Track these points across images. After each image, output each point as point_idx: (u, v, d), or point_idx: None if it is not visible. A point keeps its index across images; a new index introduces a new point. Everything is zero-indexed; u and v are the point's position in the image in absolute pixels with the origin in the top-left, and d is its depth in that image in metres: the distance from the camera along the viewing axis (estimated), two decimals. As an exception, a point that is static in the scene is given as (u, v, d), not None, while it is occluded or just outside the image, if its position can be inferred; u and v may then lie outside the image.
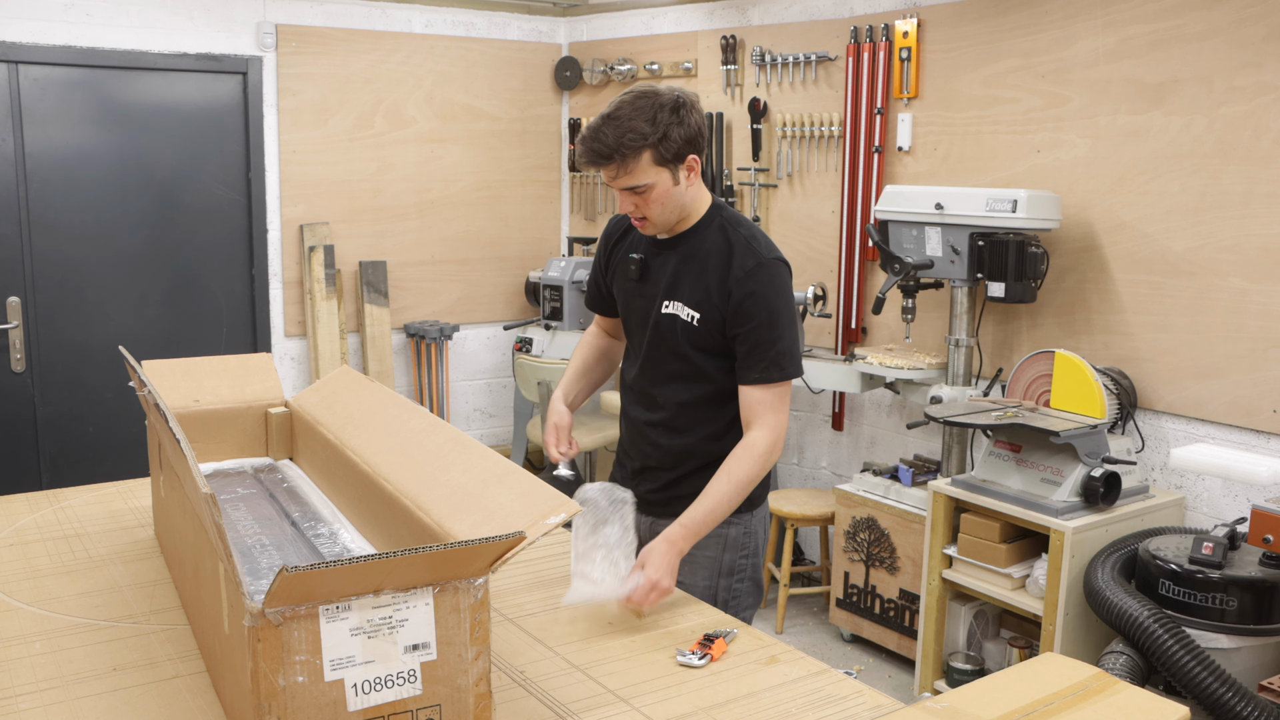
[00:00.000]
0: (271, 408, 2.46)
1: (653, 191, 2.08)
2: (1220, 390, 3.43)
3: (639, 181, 2.07)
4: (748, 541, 2.30)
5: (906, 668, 4.00)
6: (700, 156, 2.11)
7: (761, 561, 2.36)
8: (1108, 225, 3.68)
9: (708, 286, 2.14)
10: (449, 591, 1.34)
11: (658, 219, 2.14)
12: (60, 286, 4.38)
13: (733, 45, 4.78)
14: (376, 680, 1.34)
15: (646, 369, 2.27)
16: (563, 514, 1.45)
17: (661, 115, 2.03)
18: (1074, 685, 1.41)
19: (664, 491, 2.30)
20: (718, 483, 2.10)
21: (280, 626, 1.28)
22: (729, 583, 2.29)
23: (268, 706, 1.30)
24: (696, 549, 2.19)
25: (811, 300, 4.30)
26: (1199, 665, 2.80)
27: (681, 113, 2.05)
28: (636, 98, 2.06)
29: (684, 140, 2.05)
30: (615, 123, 2.03)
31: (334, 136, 4.86)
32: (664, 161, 2.05)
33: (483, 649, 1.38)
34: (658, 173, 2.06)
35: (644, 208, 2.11)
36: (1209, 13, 3.37)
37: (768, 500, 2.37)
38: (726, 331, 2.14)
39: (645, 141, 2.03)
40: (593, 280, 2.44)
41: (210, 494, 1.33)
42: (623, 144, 2.02)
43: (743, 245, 2.14)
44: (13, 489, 3.10)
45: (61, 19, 4.23)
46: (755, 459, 2.11)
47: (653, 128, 2.02)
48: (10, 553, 2.26)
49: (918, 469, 4.01)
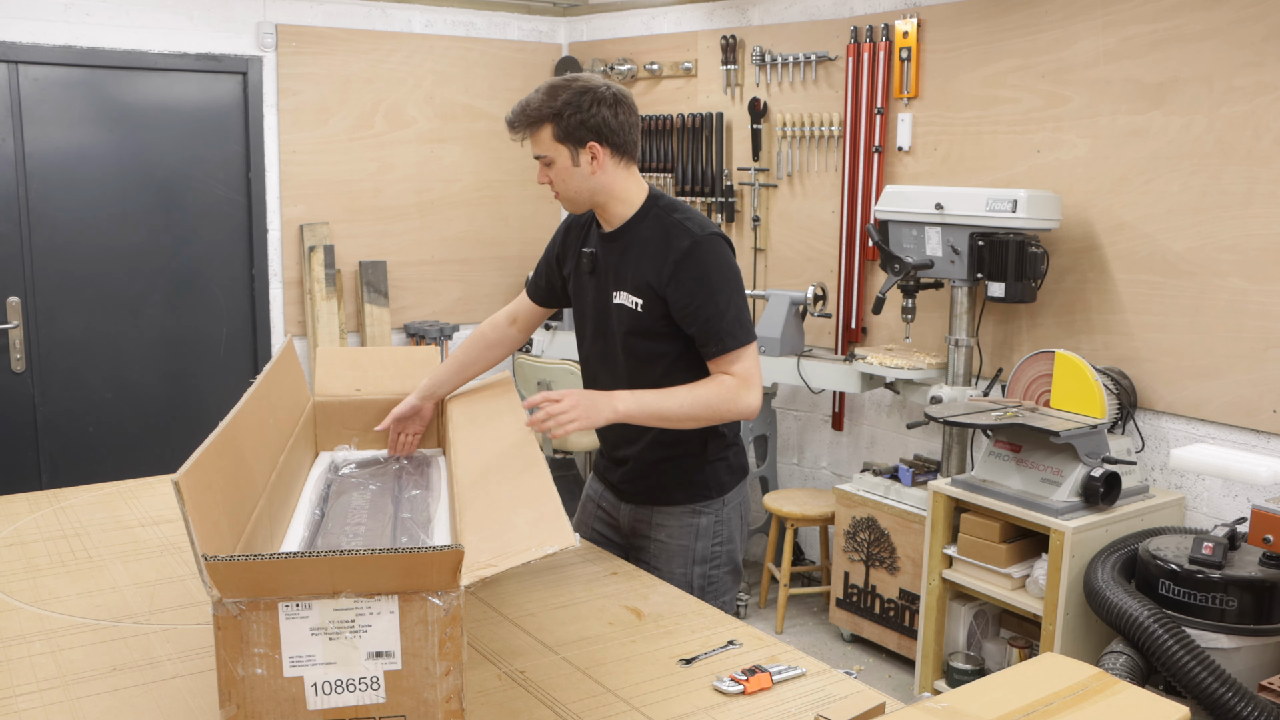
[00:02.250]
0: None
1: (554, 166, 2.19)
2: (1220, 390, 3.43)
3: (539, 151, 2.19)
4: (720, 529, 2.35)
5: (906, 668, 4.00)
6: (606, 147, 2.18)
7: (737, 548, 2.40)
8: (1108, 225, 3.68)
9: (647, 273, 2.21)
10: (416, 602, 1.34)
11: (563, 194, 2.24)
12: (60, 286, 4.38)
13: (733, 45, 4.78)
14: (337, 682, 1.34)
15: (605, 360, 2.34)
16: (554, 547, 1.46)
17: (568, 96, 2.14)
18: (1074, 685, 1.41)
19: (640, 481, 2.36)
20: (679, 390, 2.16)
21: (238, 617, 1.29)
22: (704, 570, 2.35)
23: (227, 694, 1.33)
24: (669, 538, 2.32)
25: (811, 300, 4.31)
26: (1199, 665, 2.80)
27: (587, 100, 2.14)
28: (564, 79, 2.18)
29: (583, 125, 2.14)
30: (533, 96, 2.17)
31: (334, 136, 4.86)
32: (562, 139, 2.15)
33: (453, 665, 1.37)
34: (556, 148, 2.16)
35: (550, 180, 2.22)
36: (1209, 13, 3.37)
37: (744, 491, 2.41)
38: (673, 314, 2.20)
39: (542, 115, 2.14)
40: (541, 266, 2.49)
41: (175, 481, 1.35)
42: (526, 113, 2.16)
43: (677, 228, 2.20)
44: (13, 489, 3.10)
45: (61, 19, 4.23)
46: (722, 389, 2.15)
47: (554, 105, 2.14)
48: (10, 553, 2.27)
49: (918, 469, 4.01)
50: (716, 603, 2.32)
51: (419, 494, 2.18)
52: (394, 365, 2.67)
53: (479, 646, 1.87)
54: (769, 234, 4.81)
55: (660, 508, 2.35)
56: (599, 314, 2.32)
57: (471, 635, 1.90)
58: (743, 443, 2.44)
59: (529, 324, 2.54)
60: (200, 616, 1.94)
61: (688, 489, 2.33)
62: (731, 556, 2.39)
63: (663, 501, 2.35)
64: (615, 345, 2.30)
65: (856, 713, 1.39)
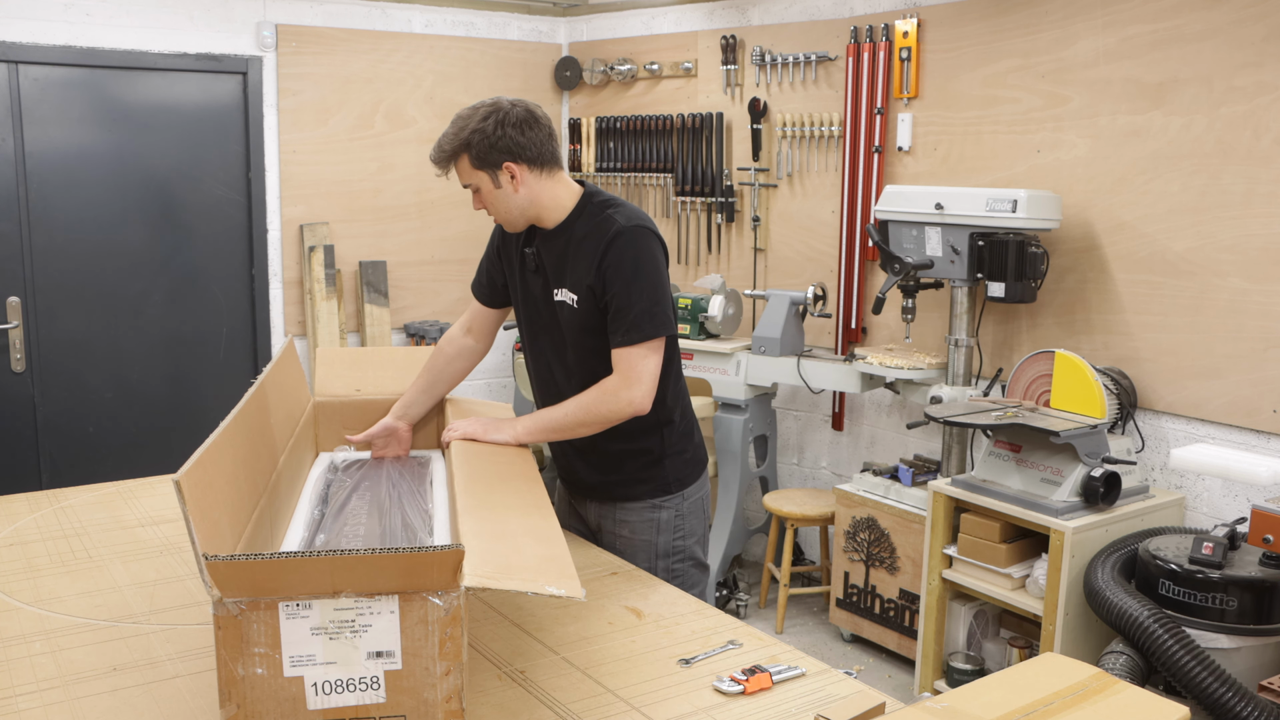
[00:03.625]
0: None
1: (481, 192, 2.25)
2: (1220, 390, 3.43)
3: (464, 181, 2.26)
4: (680, 524, 2.41)
5: (906, 668, 4.00)
6: (522, 164, 2.21)
7: (700, 542, 2.46)
8: (1108, 225, 3.68)
9: (581, 269, 2.25)
10: (416, 603, 1.34)
11: (497, 216, 2.30)
12: (60, 286, 4.37)
13: (733, 45, 4.78)
14: (338, 682, 1.34)
15: (551, 358, 2.39)
16: (562, 591, 1.46)
17: (474, 124, 2.20)
18: (1074, 685, 1.41)
19: (596, 476, 2.41)
20: (568, 401, 2.26)
21: (239, 617, 1.29)
22: (668, 564, 2.41)
23: (227, 694, 1.33)
24: (632, 533, 2.39)
25: (811, 300, 4.31)
26: (1199, 665, 2.80)
27: (492, 124, 2.19)
28: (470, 109, 2.24)
29: (493, 149, 2.19)
30: (446, 131, 2.24)
31: (334, 136, 4.86)
32: (478, 165, 2.21)
33: (454, 665, 1.37)
34: (476, 175, 2.23)
35: (483, 204, 2.29)
36: (1209, 13, 3.37)
37: (705, 486, 2.47)
38: (601, 306, 2.25)
39: (455, 147, 2.22)
40: (483, 265, 2.51)
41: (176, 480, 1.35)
42: (442, 148, 2.24)
43: (606, 221, 2.24)
44: (13, 489, 3.10)
45: (61, 19, 4.23)
46: (604, 395, 2.21)
47: (463, 135, 2.20)
48: (10, 553, 2.27)
49: (918, 469, 4.01)
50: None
51: (419, 494, 2.18)
52: (394, 365, 2.67)
53: (479, 646, 1.87)
54: (769, 234, 4.81)
55: (622, 504, 2.40)
56: (545, 311, 2.36)
57: (471, 635, 1.90)
58: (699, 434, 2.49)
59: (485, 330, 2.55)
60: (200, 616, 1.94)
61: (648, 484, 2.38)
62: (694, 550, 2.45)
63: (623, 498, 2.39)
64: (563, 341, 2.34)
65: (856, 713, 1.39)
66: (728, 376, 4.45)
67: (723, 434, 4.49)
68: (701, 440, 2.48)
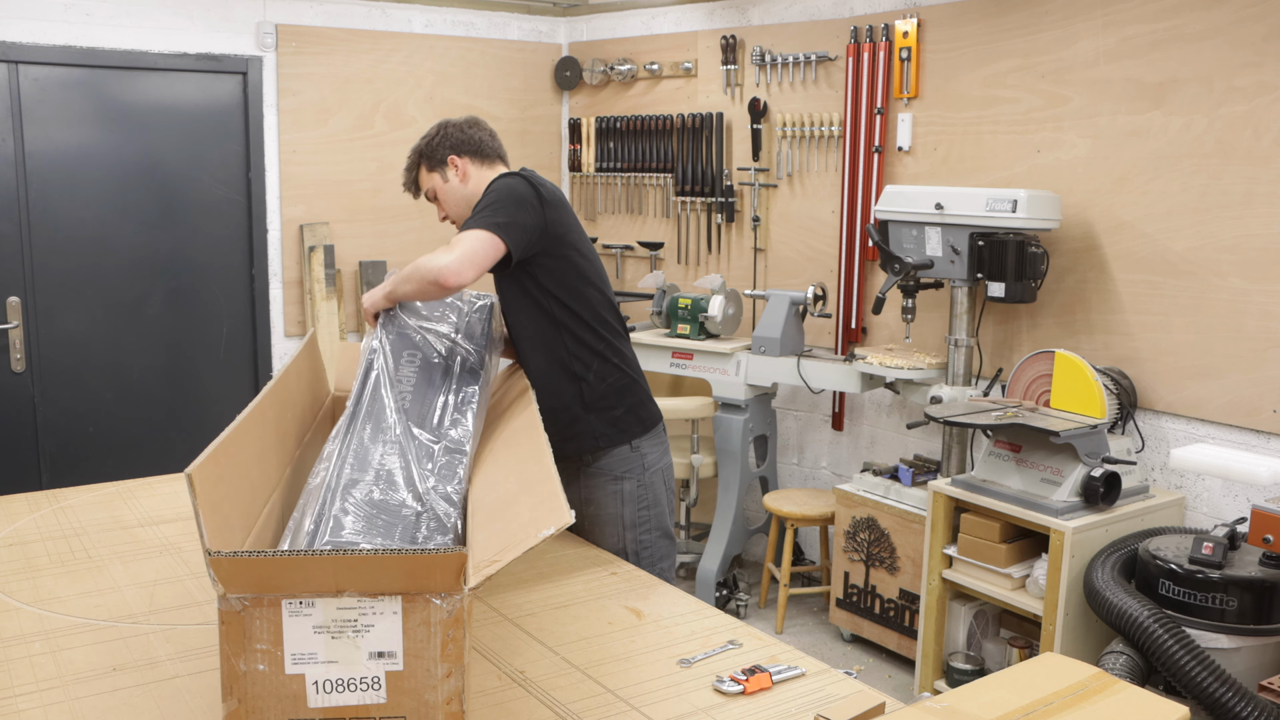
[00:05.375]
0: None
1: (439, 196, 2.58)
2: (1220, 390, 3.43)
3: (425, 188, 2.61)
4: (644, 494, 2.53)
5: (906, 668, 4.00)
6: (465, 156, 2.54)
7: (665, 512, 2.55)
8: (1108, 225, 3.68)
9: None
10: (419, 604, 1.34)
11: (453, 215, 2.60)
12: (60, 286, 4.37)
13: (733, 45, 4.78)
14: (338, 681, 1.34)
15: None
16: (551, 529, 1.46)
17: (425, 137, 2.59)
18: (1074, 685, 1.41)
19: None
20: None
21: (242, 613, 1.30)
22: (635, 534, 2.52)
23: (229, 688, 1.33)
24: (598, 508, 2.50)
25: (811, 300, 4.31)
26: (1199, 665, 2.80)
27: (436, 130, 2.58)
28: (425, 134, 2.63)
29: (439, 147, 2.56)
30: (407, 159, 2.63)
31: (334, 136, 4.86)
32: (431, 168, 2.58)
33: (455, 667, 1.37)
34: (430, 177, 2.59)
35: (444, 210, 2.60)
36: (1209, 13, 3.37)
37: (666, 456, 2.58)
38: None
39: (415, 161, 2.61)
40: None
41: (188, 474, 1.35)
42: (407, 169, 2.62)
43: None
44: (13, 489, 3.10)
45: (61, 19, 4.23)
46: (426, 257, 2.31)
47: (418, 148, 2.60)
48: (10, 553, 2.27)
49: (918, 469, 4.01)
50: (654, 569, 2.48)
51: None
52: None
53: (479, 647, 1.87)
54: (769, 234, 4.81)
55: (586, 482, 2.48)
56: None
57: (471, 635, 1.90)
58: (642, 396, 2.56)
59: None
60: (200, 617, 1.94)
61: (576, 441, 2.48)
62: (660, 521, 2.55)
63: (565, 456, 2.40)
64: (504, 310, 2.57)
65: (856, 713, 1.39)
66: (728, 376, 4.45)
67: (723, 434, 4.49)
68: (644, 406, 2.55)
